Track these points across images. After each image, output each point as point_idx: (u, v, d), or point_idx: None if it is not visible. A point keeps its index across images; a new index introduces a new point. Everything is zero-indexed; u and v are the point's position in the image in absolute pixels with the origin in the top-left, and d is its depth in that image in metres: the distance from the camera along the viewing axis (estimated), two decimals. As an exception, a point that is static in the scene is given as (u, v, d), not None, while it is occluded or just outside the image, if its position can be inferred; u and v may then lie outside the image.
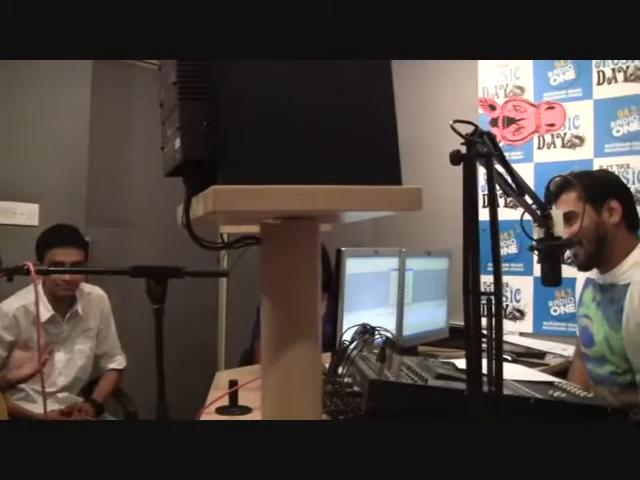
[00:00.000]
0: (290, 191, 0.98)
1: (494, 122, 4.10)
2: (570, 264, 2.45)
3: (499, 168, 1.50)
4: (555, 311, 3.77)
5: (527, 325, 3.89)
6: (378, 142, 1.09)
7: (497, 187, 1.51)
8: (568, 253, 2.29)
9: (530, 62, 4.02)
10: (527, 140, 3.99)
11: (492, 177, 1.26)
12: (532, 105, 4.00)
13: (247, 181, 0.96)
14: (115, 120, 4.22)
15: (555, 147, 3.89)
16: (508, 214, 3.63)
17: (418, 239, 4.07)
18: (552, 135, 3.90)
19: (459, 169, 1.28)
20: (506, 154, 3.87)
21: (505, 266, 3.92)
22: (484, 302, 1.24)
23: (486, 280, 4.01)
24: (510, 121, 4.05)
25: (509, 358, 3.07)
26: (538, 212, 1.77)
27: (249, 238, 1.17)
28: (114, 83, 4.15)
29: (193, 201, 1.05)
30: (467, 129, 1.30)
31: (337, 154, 1.05)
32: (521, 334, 3.79)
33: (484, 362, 1.20)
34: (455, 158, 1.27)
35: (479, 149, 1.26)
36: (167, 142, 1.10)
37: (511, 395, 1.57)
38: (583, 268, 2.30)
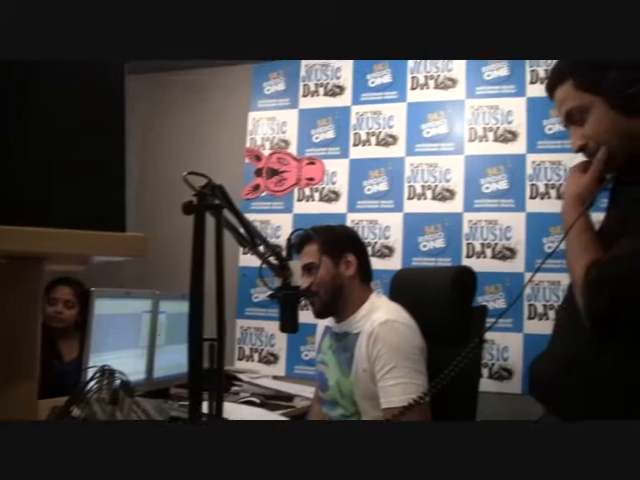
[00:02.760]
0: (9, 232, 0.98)
1: (259, 172, 4.26)
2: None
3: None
4: (306, 355, 3.95)
5: (280, 369, 4.04)
6: (105, 190, 1.12)
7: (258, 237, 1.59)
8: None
9: (296, 118, 4.24)
10: (288, 192, 4.18)
11: (220, 228, 1.33)
12: (295, 159, 4.20)
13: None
14: None
15: (313, 200, 4.11)
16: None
17: (184, 281, 4.09)
18: (311, 189, 4.13)
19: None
20: (268, 204, 4.08)
21: (262, 311, 4.06)
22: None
23: (243, 324, 4.09)
24: (274, 172, 4.22)
25: (257, 401, 3.16)
26: (276, 262, 1.86)
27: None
28: None
29: None
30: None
31: (64, 198, 1.07)
32: (274, 377, 3.91)
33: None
34: (187, 209, 1.34)
35: (210, 201, 1.33)
36: None
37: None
38: (319, 316, 2.44)
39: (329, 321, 2.50)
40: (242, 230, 1.54)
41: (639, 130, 1.48)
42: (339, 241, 2.44)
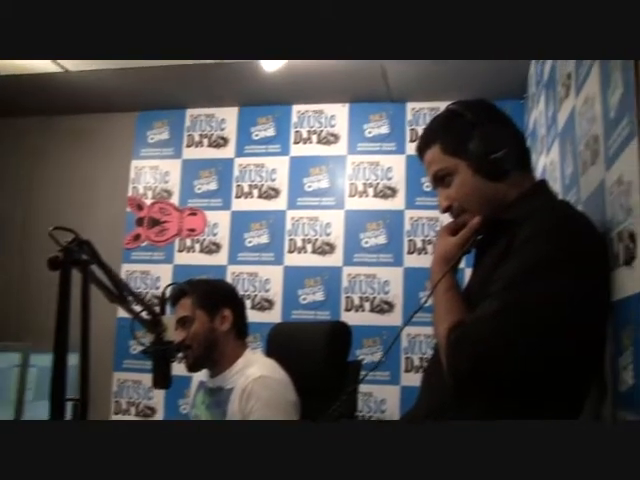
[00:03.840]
0: None
1: (140, 222, 4.21)
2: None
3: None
4: (184, 409, 3.85)
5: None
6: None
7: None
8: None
9: (179, 168, 4.23)
10: (169, 242, 4.14)
11: (87, 284, 1.31)
12: (176, 209, 4.18)
13: None
14: None
15: (194, 251, 4.09)
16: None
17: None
18: (192, 240, 4.11)
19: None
20: (148, 254, 4.02)
21: (139, 363, 3.96)
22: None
23: (120, 377, 3.98)
24: (155, 222, 4.18)
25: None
26: (148, 317, 1.83)
27: None
28: None
29: None
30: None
31: None
32: (151, 432, 3.82)
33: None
34: (52, 264, 1.31)
35: (76, 256, 1.31)
36: None
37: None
38: (191, 369, 2.40)
39: (203, 375, 2.47)
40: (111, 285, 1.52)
41: (502, 195, 1.56)
42: (215, 295, 2.43)
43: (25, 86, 3.81)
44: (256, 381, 2.22)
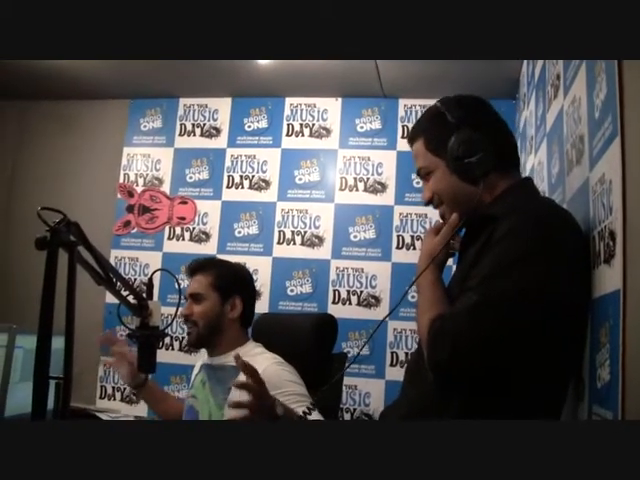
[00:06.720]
0: None
1: (130, 208, 4.21)
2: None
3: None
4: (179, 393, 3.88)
5: (142, 409, 3.86)
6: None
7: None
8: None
9: (171, 157, 4.24)
10: (159, 230, 4.16)
11: (73, 266, 1.32)
12: (167, 197, 4.19)
13: None
14: None
15: (184, 240, 4.11)
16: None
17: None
18: (182, 228, 4.13)
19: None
20: (138, 241, 4.02)
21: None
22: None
23: (106, 362, 3.91)
24: (145, 210, 4.19)
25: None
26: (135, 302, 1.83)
27: None
28: None
29: None
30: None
31: None
32: (136, 417, 3.81)
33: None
34: (40, 244, 1.31)
35: (64, 237, 1.32)
36: None
37: None
38: (192, 345, 2.45)
39: (206, 358, 2.49)
40: (98, 268, 1.53)
41: (477, 194, 1.58)
42: (231, 280, 2.46)
43: (16, 70, 3.80)
44: (276, 364, 2.25)
